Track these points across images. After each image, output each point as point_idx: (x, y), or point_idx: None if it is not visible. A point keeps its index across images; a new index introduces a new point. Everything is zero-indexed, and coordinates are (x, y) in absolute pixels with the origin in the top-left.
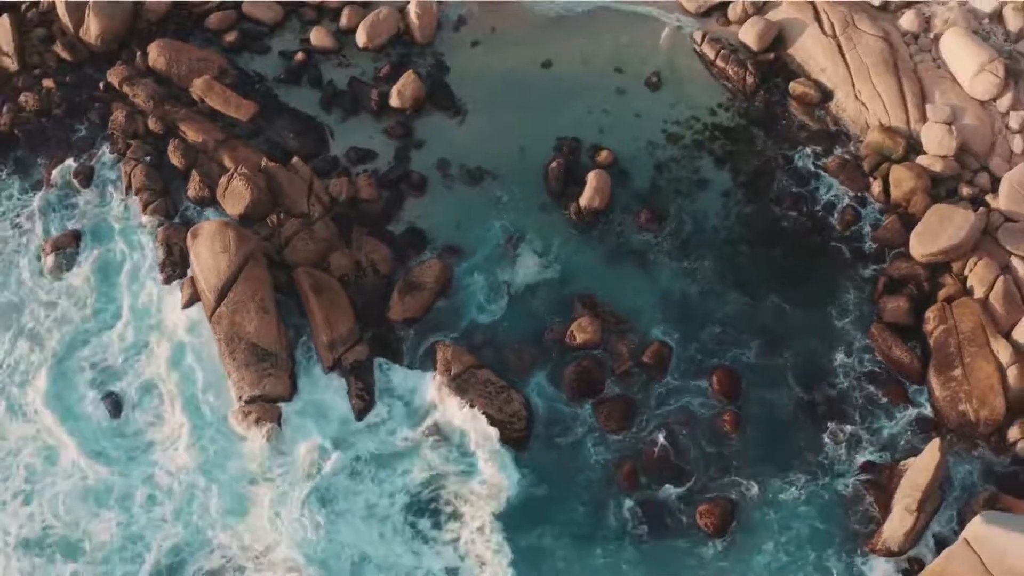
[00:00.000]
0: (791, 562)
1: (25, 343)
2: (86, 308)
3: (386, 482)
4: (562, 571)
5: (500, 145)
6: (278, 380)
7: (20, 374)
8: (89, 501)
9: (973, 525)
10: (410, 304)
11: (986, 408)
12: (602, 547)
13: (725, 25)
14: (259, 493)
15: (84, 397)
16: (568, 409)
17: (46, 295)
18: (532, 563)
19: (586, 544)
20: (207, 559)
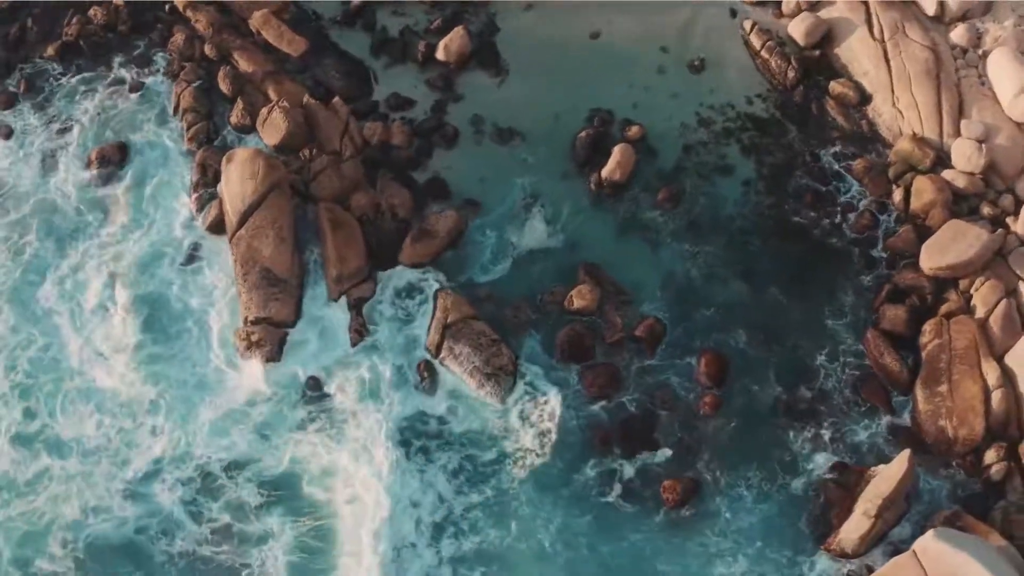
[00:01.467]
0: (735, 547)
1: (52, 244)
2: (119, 218)
3: (373, 413)
4: (523, 517)
5: (535, 109)
6: (284, 305)
7: (40, 273)
8: (89, 403)
9: (924, 539)
10: (420, 250)
11: (965, 427)
12: (564, 502)
13: (778, 17)
14: (252, 413)
15: (101, 303)
16: (555, 371)
17: (83, 201)
18: (495, 508)
19: (548, 496)
20: (183, 470)
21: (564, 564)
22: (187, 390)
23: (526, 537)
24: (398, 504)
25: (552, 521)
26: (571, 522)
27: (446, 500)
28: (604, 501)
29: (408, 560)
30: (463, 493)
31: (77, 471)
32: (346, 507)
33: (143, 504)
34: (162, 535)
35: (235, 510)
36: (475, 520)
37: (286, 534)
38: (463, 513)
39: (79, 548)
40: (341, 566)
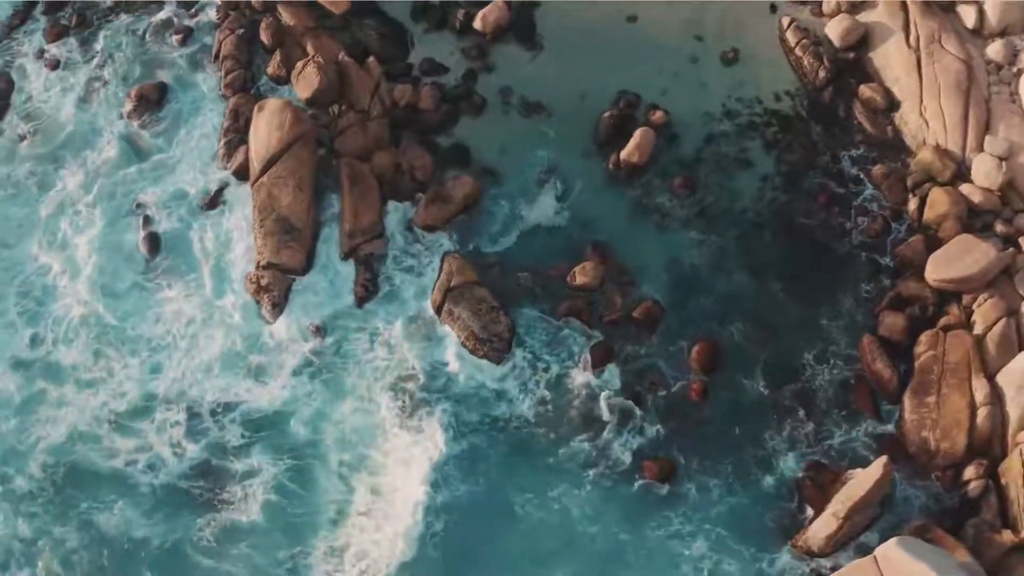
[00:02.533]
0: (696, 530)
1: (81, 176)
2: (149, 156)
3: (369, 364)
4: (498, 476)
5: (564, 86)
6: (295, 253)
7: (65, 204)
8: (95, 335)
9: (886, 545)
10: (434, 213)
11: (948, 441)
12: (545, 467)
13: (817, 16)
14: (253, 357)
15: (120, 237)
16: (552, 343)
17: (117, 137)
18: (474, 466)
19: (528, 460)
20: (176, 407)
21: (532, 524)
22: (194, 328)
23: (500, 494)
24: (385, 452)
25: (527, 483)
26: (545, 487)
27: (432, 453)
28: (582, 471)
29: (386, 504)
30: (448, 448)
31: (72, 398)
32: (334, 451)
33: (132, 438)
34: (148, 469)
35: (222, 449)
36: (455, 474)
37: (269, 472)
38: (445, 466)
39: (59, 472)
40: (323, 505)
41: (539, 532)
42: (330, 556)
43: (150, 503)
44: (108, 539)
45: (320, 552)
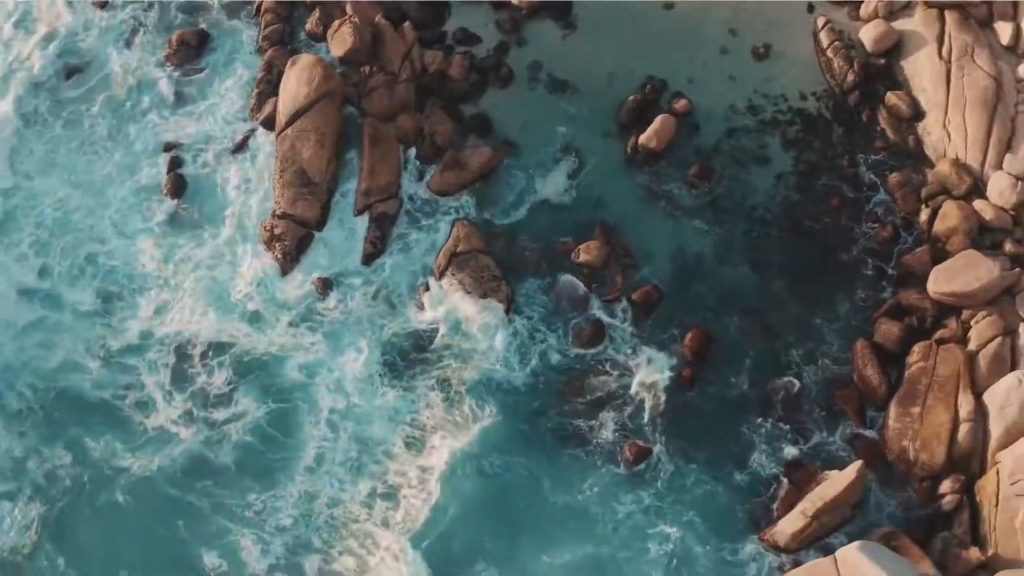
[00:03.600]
0: (667, 511)
1: (111, 116)
2: (183, 100)
3: (369, 320)
4: (479, 439)
5: (593, 66)
6: (310, 206)
7: (93, 142)
8: (102, 270)
9: (847, 548)
10: (449, 179)
11: (927, 453)
12: (524, 436)
13: (853, 19)
14: (256, 304)
15: (142, 176)
16: (549, 316)
17: (153, 79)
18: (458, 429)
19: (510, 427)
20: (171, 346)
21: (501, 486)
22: (202, 271)
23: (477, 456)
24: (371, 404)
25: (505, 447)
26: (522, 453)
27: (420, 412)
28: (561, 443)
29: (367, 456)
30: (435, 408)
31: (69, 327)
32: (325, 398)
33: (122, 373)
34: (137, 407)
35: (211, 391)
36: (438, 436)
37: (253, 414)
38: (432, 427)
39: (51, 396)
40: (303, 451)
41: (508, 494)
42: (302, 502)
43: (135, 438)
44: (92, 463)
45: (293, 497)
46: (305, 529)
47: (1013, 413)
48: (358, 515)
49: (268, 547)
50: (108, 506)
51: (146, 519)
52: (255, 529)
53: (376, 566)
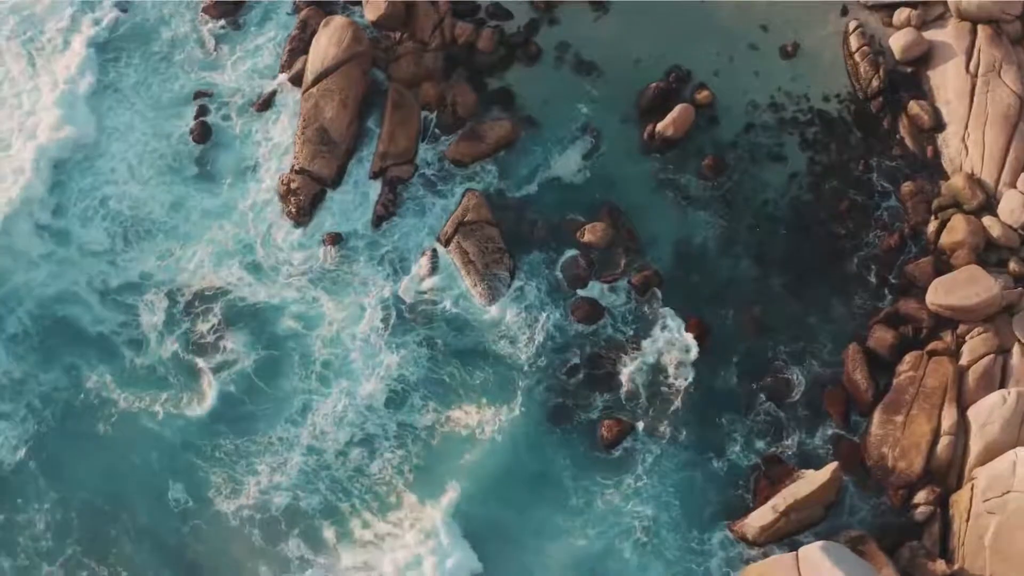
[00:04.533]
0: (642, 491)
1: (144, 66)
2: (217, 53)
3: (372, 280)
4: (462, 402)
5: (619, 51)
6: (327, 164)
7: (124, 90)
8: (113, 211)
9: (810, 547)
10: (465, 149)
11: (905, 461)
12: (510, 405)
13: (885, 25)
14: (262, 256)
15: (176, 122)
16: (548, 291)
17: (192, 27)
18: (442, 388)
19: (495, 396)
20: (171, 289)
21: (477, 448)
22: (214, 219)
23: (458, 418)
24: (363, 361)
25: (489, 416)
26: (504, 421)
27: (411, 371)
28: (545, 417)
29: (352, 408)
30: (426, 369)
31: (75, 262)
32: (319, 349)
33: (120, 311)
34: (130, 344)
35: (204, 335)
36: (421, 392)
37: (247, 361)
38: (418, 386)
39: (49, 323)
40: (289, 400)
41: (484, 457)
42: (279, 449)
43: (125, 373)
44: (82, 391)
45: (270, 444)
46: (276, 474)
47: (994, 431)
48: (331, 463)
49: (238, 487)
50: (90, 434)
51: (123, 449)
52: (226, 469)
53: (347, 512)
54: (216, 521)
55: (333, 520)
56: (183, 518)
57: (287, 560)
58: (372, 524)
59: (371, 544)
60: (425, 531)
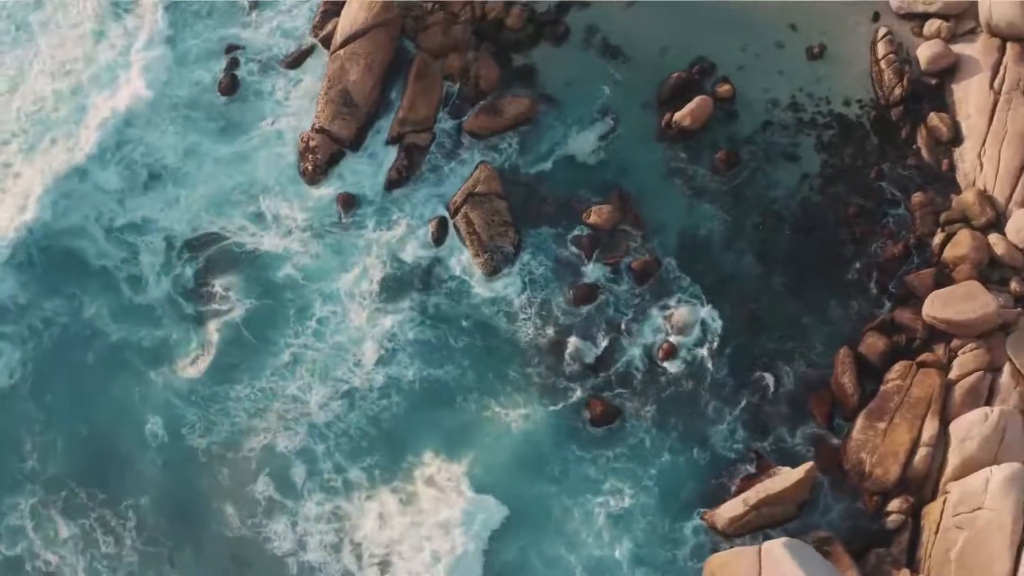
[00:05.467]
0: (621, 470)
1: (179, 11)
2: (256, 6)
3: (377, 241)
4: (450, 367)
5: (647, 38)
6: (347, 126)
7: (156, 41)
8: (134, 152)
9: (773, 543)
10: (483, 121)
11: (881, 468)
12: (494, 376)
13: (916, 35)
14: (270, 208)
15: (206, 72)
16: (549, 268)
17: None
18: (431, 351)
19: (484, 366)
20: (160, 238)
21: (468, 415)
22: (222, 169)
23: (445, 382)
24: (359, 318)
25: (474, 383)
26: (489, 389)
27: (404, 332)
28: (532, 392)
29: (340, 363)
30: (414, 332)
31: (87, 198)
32: (318, 303)
33: (122, 248)
34: (129, 280)
35: (206, 279)
36: (411, 352)
37: (244, 308)
38: (408, 347)
39: (53, 254)
40: (280, 350)
41: (466, 420)
42: (259, 397)
43: (121, 309)
44: (81, 321)
45: (251, 391)
46: (250, 417)
47: (972, 447)
48: (310, 411)
49: (210, 427)
50: (81, 362)
51: (109, 380)
52: (201, 410)
53: (322, 455)
54: (189, 457)
55: (307, 464)
56: (158, 451)
57: (255, 500)
58: (346, 469)
59: (339, 492)
60: (396, 481)
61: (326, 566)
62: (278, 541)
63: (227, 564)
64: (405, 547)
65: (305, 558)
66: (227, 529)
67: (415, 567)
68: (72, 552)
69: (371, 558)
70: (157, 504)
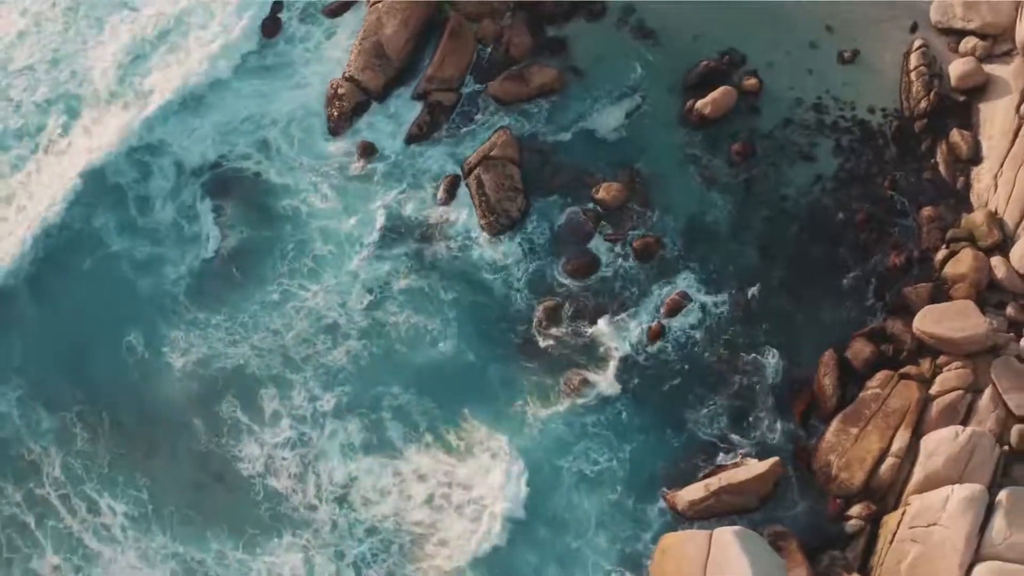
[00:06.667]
0: (596, 436)
1: None
2: None
3: (389, 191)
4: (435, 314)
5: (683, 24)
6: (376, 77)
7: None
8: (171, 85)
9: (724, 530)
10: (508, 88)
11: (847, 473)
12: (480, 334)
13: (951, 50)
14: (289, 147)
15: (248, 12)
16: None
17: None
18: (421, 298)
19: (471, 323)
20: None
21: (444, 364)
22: (250, 103)
23: (425, 326)
24: (356, 268)
25: (456, 335)
26: (476, 343)
27: (394, 280)
28: (520, 355)
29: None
30: (408, 279)
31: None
32: (316, 239)
33: (136, 169)
34: (137, 200)
35: (211, 205)
36: (399, 303)
37: (240, 237)
38: (399, 295)
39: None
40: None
41: (447, 370)
42: (244, 324)
43: (127, 227)
44: (90, 230)
45: (235, 319)
46: (227, 346)
47: (938, 463)
48: (286, 343)
49: (190, 347)
50: (78, 268)
51: (100, 290)
52: (183, 331)
53: (296, 384)
54: (164, 372)
55: (278, 392)
56: (137, 363)
57: (223, 420)
58: (320, 398)
59: (306, 421)
60: (366, 418)
61: (292, 494)
62: (246, 463)
63: (198, 476)
64: (367, 482)
65: (271, 483)
66: (197, 444)
67: (373, 498)
68: (52, 443)
69: (334, 488)
70: (132, 411)
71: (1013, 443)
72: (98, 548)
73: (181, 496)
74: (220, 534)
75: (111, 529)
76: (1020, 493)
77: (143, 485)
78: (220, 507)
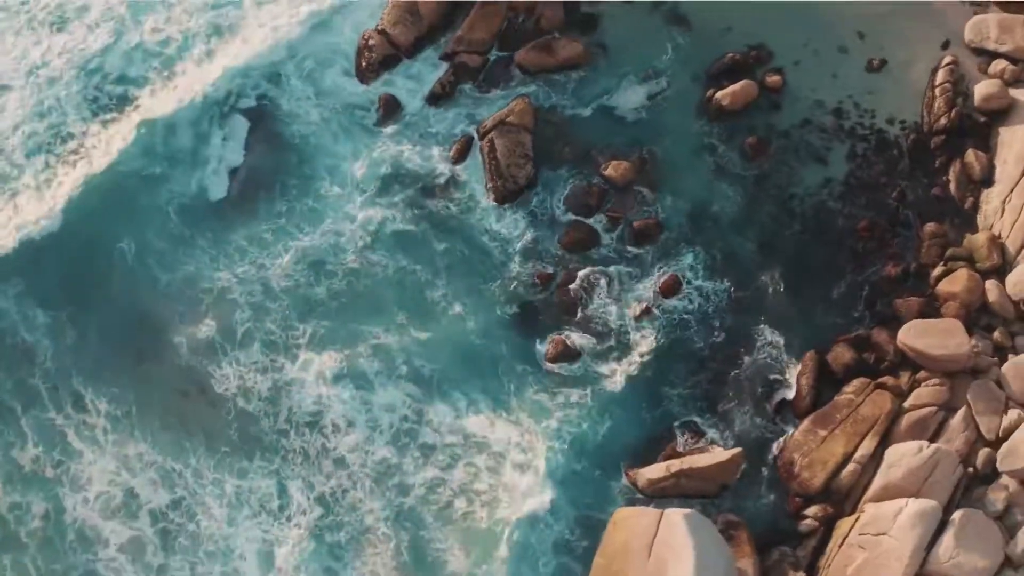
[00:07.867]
0: (576, 406)
1: None
2: None
3: (400, 145)
4: (424, 263)
5: (716, 14)
6: (406, 32)
7: None
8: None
9: (675, 511)
10: (534, 57)
11: (808, 472)
12: (472, 290)
13: (980, 71)
14: (311, 88)
15: None
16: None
17: None
18: (414, 246)
19: (464, 282)
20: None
21: (427, 311)
22: (274, 35)
23: (414, 273)
24: (355, 216)
25: (442, 285)
26: (457, 297)
27: (390, 226)
28: (502, 311)
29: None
30: (408, 225)
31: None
32: (325, 178)
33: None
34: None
35: (225, 132)
36: (395, 248)
37: (249, 165)
38: (392, 239)
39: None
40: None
41: (430, 318)
42: (230, 260)
43: (148, 150)
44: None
45: (223, 252)
46: (214, 271)
47: (897, 474)
48: (269, 276)
49: (176, 266)
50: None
51: (103, 198)
52: (171, 248)
53: (273, 311)
54: (150, 285)
55: (254, 316)
56: (125, 271)
57: (201, 339)
58: (293, 328)
59: (279, 348)
60: (341, 351)
61: (263, 417)
62: (220, 382)
63: (180, 386)
64: (337, 412)
65: (242, 404)
66: (177, 357)
67: (341, 424)
68: (44, 337)
69: (303, 415)
70: (119, 317)
71: (979, 466)
72: (79, 446)
73: (162, 404)
74: (198, 448)
75: (94, 429)
76: (975, 515)
77: (127, 385)
78: (198, 420)
